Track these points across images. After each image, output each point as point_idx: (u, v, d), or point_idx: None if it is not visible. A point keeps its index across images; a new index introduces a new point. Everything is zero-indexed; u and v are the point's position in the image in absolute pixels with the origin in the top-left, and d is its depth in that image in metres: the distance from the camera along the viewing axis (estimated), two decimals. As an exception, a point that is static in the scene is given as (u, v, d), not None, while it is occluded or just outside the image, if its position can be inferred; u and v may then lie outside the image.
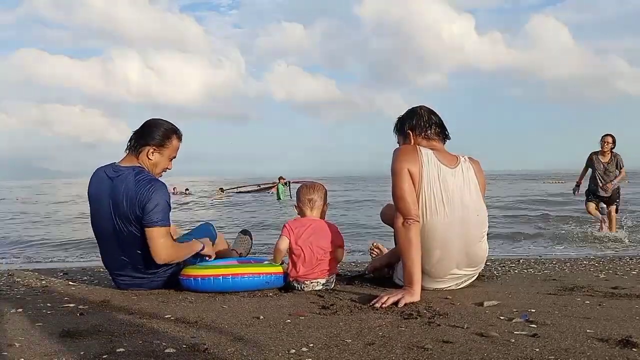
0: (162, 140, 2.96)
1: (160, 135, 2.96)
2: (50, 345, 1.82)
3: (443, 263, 2.72)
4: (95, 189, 2.95)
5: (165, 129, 2.98)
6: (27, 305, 2.61)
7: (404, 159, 2.66)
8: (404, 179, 2.64)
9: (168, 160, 3.02)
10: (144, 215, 2.79)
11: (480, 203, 2.78)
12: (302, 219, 3.02)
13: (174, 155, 3.05)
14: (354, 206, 17.93)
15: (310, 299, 2.65)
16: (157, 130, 2.96)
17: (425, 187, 2.64)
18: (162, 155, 2.97)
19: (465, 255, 2.75)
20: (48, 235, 10.16)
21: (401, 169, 2.65)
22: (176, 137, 3.02)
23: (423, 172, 2.65)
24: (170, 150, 3.00)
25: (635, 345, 1.70)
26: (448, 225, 2.65)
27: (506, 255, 5.81)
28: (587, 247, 7.04)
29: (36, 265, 5.59)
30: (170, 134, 2.98)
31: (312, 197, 3.05)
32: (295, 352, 1.71)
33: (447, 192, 2.66)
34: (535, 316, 2.16)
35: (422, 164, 2.66)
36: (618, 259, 4.70)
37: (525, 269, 3.94)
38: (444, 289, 2.81)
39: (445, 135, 2.89)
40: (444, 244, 2.67)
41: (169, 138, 2.98)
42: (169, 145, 2.98)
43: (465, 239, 2.71)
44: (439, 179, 2.66)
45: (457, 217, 2.67)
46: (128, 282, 3.01)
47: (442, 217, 2.64)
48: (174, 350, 1.72)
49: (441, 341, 1.80)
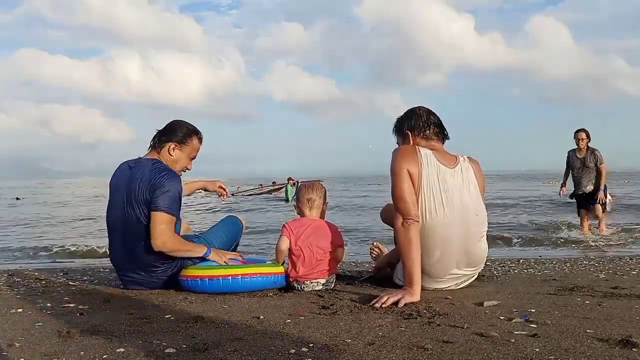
0: (183, 138, 3.09)
1: (183, 133, 3.10)
2: (50, 345, 1.82)
3: (443, 263, 2.72)
4: (115, 178, 3.08)
5: (187, 128, 3.13)
6: (27, 305, 2.61)
7: (404, 160, 2.66)
8: (404, 179, 2.63)
9: (188, 159, 3.15)
10: (152, 198, 2.86)
11: (480, 203, 2.78)
12: (302, 219, 3.02)
13: (194, 155, 3.18)
14: (354, 206, 17.94)
15: (310, 299, 2.65)
16: (180, 129, 3.11)
17: (425, 187, 2.64)
18: (182, 152, 3.10)
19: (465, 255, 2.74)
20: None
21: (401, 170, 2.65)
22: (197, 138, 3.15)
23: (422, 173, 2.64)
24: (190, 148, 3.12)
25: (635, 345, 1.70)
26: (448, 226, 2.65)
27: (506, 255, 5.81)
28: (561, 248, 6.89)
29: (36, 265, 5.59)
30: (191, 133, 3.13)
31: (311, 196, 3.05)
32: (295, 352, 1.71)
33: (447, 193, 2.66)
34: (535, 316, 2.16)
35: (421, 165, 2.65)
36: (618, 259, 4.70)
37: (525, 269, 3.95)
38: (443, 289, 2.82)
39: (444, 135, 2.89)
40: (444, 243, 2.67)
41: (190, 137, 3.12)
42: (190, 144, 3.12)
43: (464, 239, 2.71)
44: (438, 179, 2.66)
45: (457, 217, 2.66)
46: (129, 280, 3.03)
47: (441, 218, 2.64)
48: (174, 350, 1.72)
49: (441, 341, 1.80)
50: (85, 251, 7.42)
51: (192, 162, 3.20)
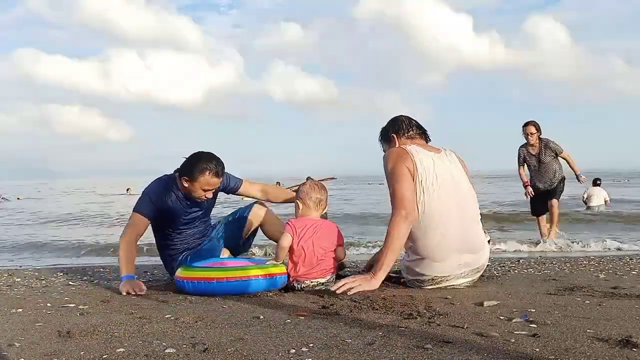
0: (193, 174, 3.17)
1: (194, 169, 3.17)
2: (50, 345, 1.82)
3: (443, 245, 2.82)
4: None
5: (200, 165, 3.16)
6: (27, 305, 2.61)
7: (399, 159, 2.84)
8: (406, 178, 2.80)
9: (202, 191, 3.21)
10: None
11: (469, 183, 2.99)
12: (305, 219, 3.02)
13: (207, 188, 3.22)
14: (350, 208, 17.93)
15: (310, 299, 2.65)
16: (192, 165, 3.19)
17: (422, 175, 2.80)
18: (192, 186, 3.20)
19: (464, 237, 2.85)
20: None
21: (401, 169, 2.81)
22: (209, 174, 3.17)
23: (417, 165, 2.81)
24: (200, 183, 3.18)
25: (635, 345, 1.70)
26: (443, 201, 2.81)
27: (506, 255, 5.81)
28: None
29: (36, 265, 5.59)
30: (203, 170, 3.16)
31: (320, 197, 3.07)
32: (295, 352, 1.71)
33: (439, 175, 2.83)
34: (535, 316, 2.16)
35: (413, 159, 2.83)
36: (618, 259, 4.70)
37: (525, 269, 3.94)
38: (446, 279, 2.85)
39: (427, 136, 3.11)
40: (443, 222, 2.80)
41: (201, 173, 3.16)
42: (199, 179, 3.17)
43: (461, 220, 2.86)
44: (431, 163, 2.85)
45: (452, 196, 2.84)
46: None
47: (436, 194, 2.80)
48: (174, 350, 1.72)
49: (441, 341, 1.80)
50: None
51: (209, 192, 3.25)
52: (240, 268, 2.89)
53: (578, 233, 8.23)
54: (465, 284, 2.92)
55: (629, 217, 11.03)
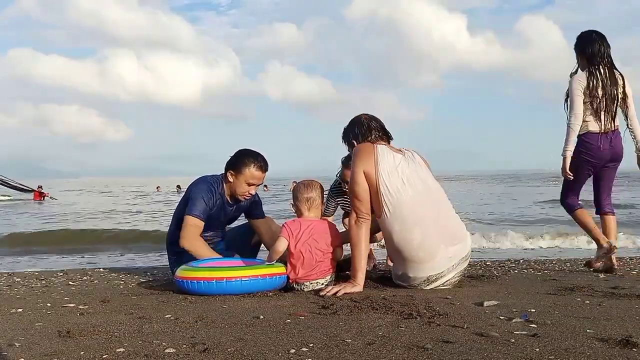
0: (239, 167, 3.30)
1: (240, 162, 3.31)
2: (50, 345, 1.82)
3: (426, 244, 2.81)
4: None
5: (247, 158, 3.32)
6: (27, 305, 2.61)
7: (360, 161, 2.89)
8: (359, 180, 2.86)
9: (246, 185, 3.32)
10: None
11: (434, 179, 3.01)
12: (301, 220, 3.00)
13: (253, 182, 3.33)
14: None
15: (310, 299, 2.65)
16: (239, 158, 3.33)
17: (384, 176, 2.84)
18: (238, 180, 3.31)
19: (445, 230, 2.87)
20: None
21: (357, 173, 2.88)
22: (255, 167, 3.31)
23: (379, 166, 2.86)
24: (245, 176, 3.30)
25: (635, 345, 1.70)
26: (416, 201, 2.84)
27: (506, 255, 5.81)
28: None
29: (36, 265, 5.59)
30: (249, 163, 3.30)
31: (310, 195, 3.02)
32: (295, 352, 1.71)
33: (405, 174, 2.88)
34: (535, 316, 2.16)
35: (377, 160, 2.87)
36: (618, 259, 4.70)
37: (525, 269, 3.95)
38: (441, 275, 2.84)
39: (388, 136, 3.14)
40: (419, 221, 2.83)
41: (246, 166, 3.30)
42: (245, 172, 3.30)
43: (437, 214, 2.89)
44: (395, 164, 2.89)
45: (421, 192, 2.87)
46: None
47: (406, 195, 2.83)
48: (174, 350, 1.72)
49: (441, 341, 1.80)
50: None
51: (253, 187, 3.35)
52: (240, 268, 2.90)
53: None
54: (457, 275, 2.92)
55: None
